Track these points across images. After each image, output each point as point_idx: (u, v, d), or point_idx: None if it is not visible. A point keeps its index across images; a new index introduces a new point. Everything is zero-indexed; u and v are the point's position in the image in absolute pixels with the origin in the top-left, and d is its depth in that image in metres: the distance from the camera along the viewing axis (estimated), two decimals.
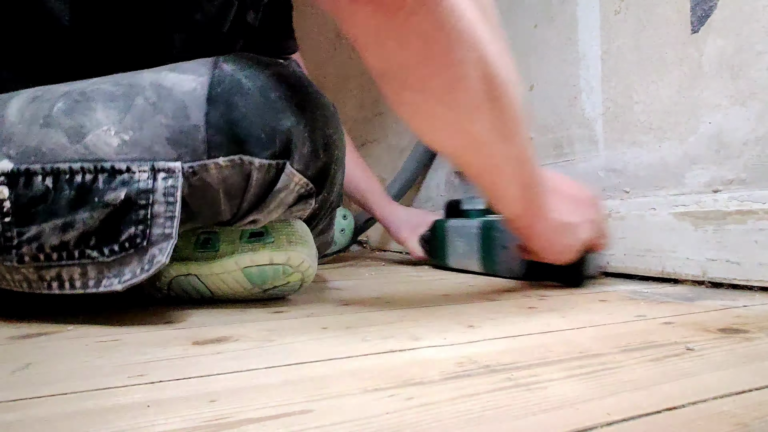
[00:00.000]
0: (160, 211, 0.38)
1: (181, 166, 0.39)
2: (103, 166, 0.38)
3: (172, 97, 0.40)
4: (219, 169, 0.40)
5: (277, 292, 0.48)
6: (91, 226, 0.38)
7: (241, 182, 0.41)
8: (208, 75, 0.40)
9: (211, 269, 0.45)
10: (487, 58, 0.36)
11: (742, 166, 0.53)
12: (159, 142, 0.39)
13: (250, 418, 0.20)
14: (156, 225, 0.38)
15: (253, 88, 0.40)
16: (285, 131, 0.41)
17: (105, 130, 0.38)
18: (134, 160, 0.38)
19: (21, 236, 0.38)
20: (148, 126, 0.39)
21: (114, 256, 0.38)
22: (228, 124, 0.39)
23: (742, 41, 0.52)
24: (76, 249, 0.38)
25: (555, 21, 0.77)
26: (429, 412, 0.20)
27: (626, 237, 0.63)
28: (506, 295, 0.51)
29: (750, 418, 0.19)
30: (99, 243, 0.38)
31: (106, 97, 0.40)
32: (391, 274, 0.74)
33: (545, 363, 0.27)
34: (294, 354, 0.29)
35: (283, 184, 0.42)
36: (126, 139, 0.38)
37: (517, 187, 0.44)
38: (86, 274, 0.38)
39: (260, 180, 0.41)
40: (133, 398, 0.22)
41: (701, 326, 0.35)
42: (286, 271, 0.46)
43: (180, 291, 0.46)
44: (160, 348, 0.31)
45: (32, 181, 0.37)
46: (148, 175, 0.38)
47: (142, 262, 0.38)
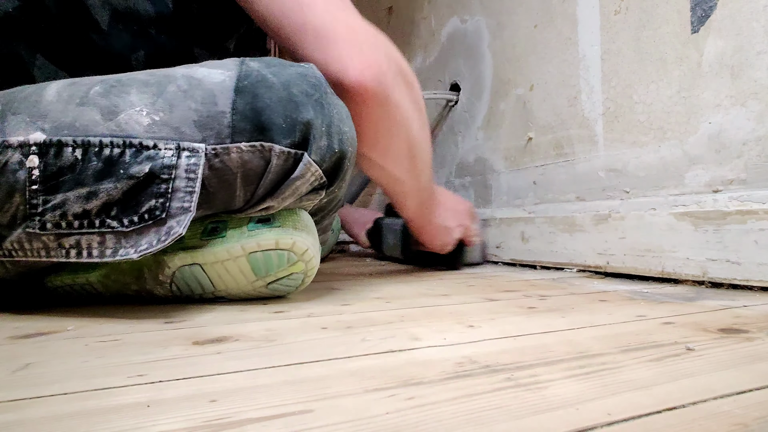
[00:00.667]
0: (181, 186, 0.40)
1: (204, 147, 0.41)
2: (131, 142, 0.40)
3: (202, 86, 0.42)
4: (240, 153, 0.42)
5: (279, 286, 0.48)
6: (113, 197, 0.39)
7: (260, 167, 0.43)
8: (236, 69, 0.44)
9: (216, 256, 0.45)
10: (411, 134, 0.57)
11: (742, 166, 0.53)
12: (187, 124, 0.41)
13: (250, 418, 0.20)
14: (176, 198, 0.40)
15: (277, 83, 0.43)
16: (305, 123, 0.43)
17: (137, 111, 0.41)
18: (162, 139, 0.41)
19: (46, 204, 0.39)
20: (178, 109, 0.41)
21: (133, 226, 0.40)
22: (252, 112, 0.42)
23: (742, 41, 0.52)
24: (97, 218, 0.40)
25: (555, 21, 0.77)
26: (429, 412, 0.20)
27: (626, 237, 0.63)
28: (506, 295, 0.51)
29: (750, 418, 0.19)
30: (120, 213, 0.40)
31: (140, 83, 0.42)
32: (391, 274, 0.74)
33: (545, 363, 0.27)
34: (294, 354, 0.29)
35: (300, 173, 0.44)
36: (156, 120, 0.41)
37: (415, 203, 0.67)
38: (104, 243, 0.40)
39: (279, 167, 0.43)
40: (133, 398, 0.22)
41: (701, 326, 0.35)
42: (291, 258, 0.46)
43: (183, 284, 0.46)
44: (160, 348, 0.31)
45: (62, 151, 0.39)
46: (173, 153, 0.40)
47: (159, 233, 0.40)
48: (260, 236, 0.45)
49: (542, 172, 0.81)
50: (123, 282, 0.46)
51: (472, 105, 0.99)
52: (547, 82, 0.79)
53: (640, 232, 0.61)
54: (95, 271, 0.46)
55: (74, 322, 0.40)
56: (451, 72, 1.06)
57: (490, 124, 0.94)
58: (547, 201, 0.80)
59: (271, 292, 0.48)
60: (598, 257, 0.67)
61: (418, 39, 1.19)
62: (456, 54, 1.04)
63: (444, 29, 1.08)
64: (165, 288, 0.46)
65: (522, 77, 0.85)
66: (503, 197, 0.91)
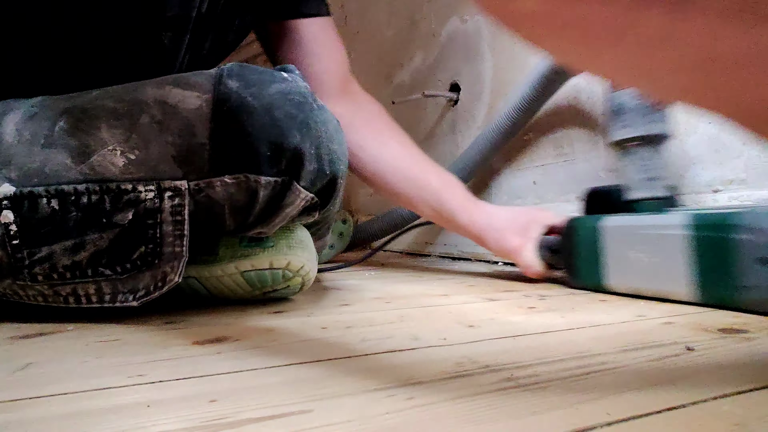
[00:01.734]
0: (169, 230, 0.39)
1: (187, 185, 0.39)
2: (108, 187, 0.38)
3: (178, 115, 0.39)
4: (225, 186, 0.40)
5: (276, 295, 0.48)
6: (101, 246, 0.38)
7: (248, 199, 0.41)
8: (212, 92, 0.40)
9: (211, 272, 0.45)
10: None
11: (742, 166, 0.53)
12: (165, 161, 0.39)
13: (250, 418, 0.20)
14: (166, 244, 0.38)
15: (258, 107, 0.39)
16: (291, 149, 0.40)
17: (110, 150, 0.38)
18: (140, 180, 0.38)
19: (32, 257, 0.38)
20: (154, 145, 0.39)
21: (127, 273, 0.38)
22: (233, 142, 0.39)
23: None
24: (88, 268, 0.38)
25: None
26: (429, 412, 0.20)
27: None
28: (506, 295, 0.51)
29: (750, 418, 0.19)
30: (111, 262, 0.38)
31: (109, 114, 0.39)
32: (391, 274, 0.74)
33: (545, 363, 0.27)
34: (294, 354, 0.29)
35: (290, 201, 0.42)
36: (132, 159, 0.38)
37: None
38: (101, 290, 0.39)
39: (266, 197, 0.41)
40: (133, 398, 0.22)
41: (701, 326, 0.35)
42: (286, 275, 0.46)
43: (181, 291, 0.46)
44: (160, 348, 0.31)
45: (37, 203, 0.37)
46: (155, 195, 0.38)
47: (155, 278, 0.39)
48: (254, 257, 0.44)
49: (542, 172, 0.81)
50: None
51: (472, 105, 0.99)
52: None
53: None
54: None
55: (74, 322, 0.40)
56: (451, 72, 1.06)
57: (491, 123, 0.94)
58: (547, 201, 0.80)
59: (269, 298, 0.48)
60: None
61: (417, 39, 1.19)
62: (456, 54, 1.04)
63: (444, 29, 1.08)
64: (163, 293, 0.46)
65: (522, 77, 0.85)
66: (503, 197, 0.91)
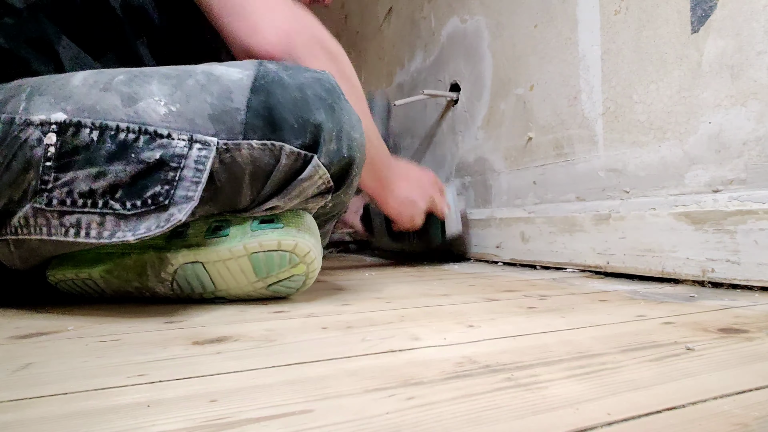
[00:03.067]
0: (188, 175, 0.41)
1: (216, 141, 0.42)
2: (146, 129, 0.41)
3: (220, 82, 0.44)
4: (251, 150, 0.43)
5: (280, 287, 0.48)
6: (121, 179, 0.40)
7: (269, 166, 0.44)
8: (254, 69, 0.45)
9: (219, 254, 0.45)
10: None
11: (742, 166, 0.53)
12: (201, 117, 0.42)
13: (250, 418, 0.20)
14: (181, 187, 0.41)
15: (292, 84, 0.45)
16: (316, 125, 0.44)
17: (156, 100, 0.42)
18: (176, 129, 0.42)
19: (56, 180, 0.40)
20: (194, 101, 0.43)
21: (134, 210, 0.41)
22: (266, 110, 0.43)
23: (742, 41, 0.52)
24: (101, 198, 0.40)
25: (555, 21, 0.77)
26: (429, 412, 0.20)
27: (626, 237, 0.63)
28: (506, 295, 0.51)
29: (750, 418, 0.19)
30: (124, 196, 0.41)
31: (162, 75, 0.44)
32: (391, 274, 0.74)
33: (545, 363, 0.27)
34: (294, 354, 0.29)
35: (308, 175, 0.45)
36: (173, 110, 0.42)
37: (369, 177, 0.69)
38: (103, 224, 0.41)
39: (287, 166, 0.44)
40: (133, 398, 0.22)
41: (701, 326, 0.35)
42: (293, 260, 0.46)
43: (184, 283, 0.46)
44: (160, 348, 0.31)
45: (80, 132, 0.41)
46: (186, 144, 0.41)
47: (159, 219, 0.41)
48: (263, 236, 0.45)
49: (542, 172, 0.81)
50: (125, 278, 0.46)
51: (472, 105, 0.99)
52: (547, 82, 0.79)
53: (640, 232, 0.61)
54: (98, 265, 0.46)
55: (74, 322, 0.40)
56: (451, 72, 1.06)
57: (490, 123, 0.94)
58: (547, 201, 0.80)
59: (272, 293, 0.48)
60: (598, 257, 0.67)
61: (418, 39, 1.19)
62: (456, 54, 1.04)
63: (444, 29, 1.08)
64: (166, 286, 0.46)
65: (522, 77, 0.85)
66: (503, 197, 0.91)
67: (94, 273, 0.46)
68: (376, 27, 1.39)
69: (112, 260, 0.46)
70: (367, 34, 1.44)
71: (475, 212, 0.96)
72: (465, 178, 1.02)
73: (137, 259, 0.46)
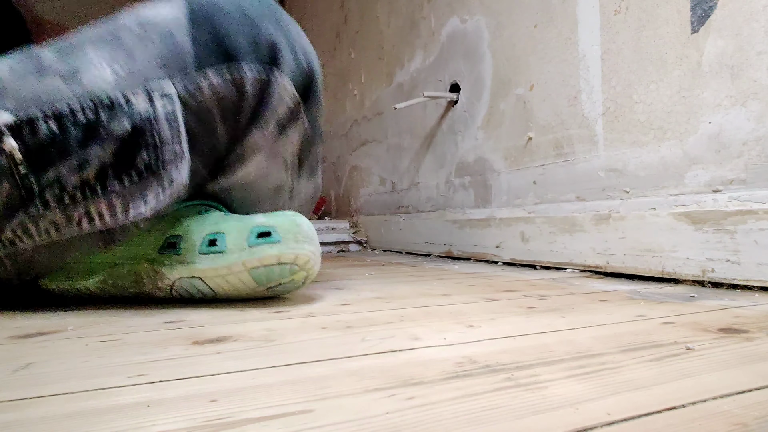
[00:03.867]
0: (166, 134, 0.40)
1: (175, 88, 0.41)
2: (101, 100, 0.39)
3: (157, 27, 0.42)
4: (212, 87, 0.41)
5: (280, 289, 0.48)
6: (106, 160, 0.39)
7: (235, 97, 0.42)
8: (184, 2, 0.43)
9: (217, 271, 0.44)
10: None
11: (742, 166, 0.53)
12: (150, 68, 0.41)
13: (250, 418, 0.20)
14: (166, 148, 0.40)
15: (231, 8, 0.43)
16: (268, 37, 0.43)
17: (99, 67, 0.40)
18: (131, 90, 0.40)
19: (41, 182, 0.39)
20: (139, 55, 0.41)
21: (134, 184, 0.40)
22: (213, 40, 0.42)
23: (742, 41, 0.52)
24: (97, 183, 0.39)
25: (555, 21, 0.77)
26: (429, 412, 0.20)
27: (626, 237, 0.63)
28: (506, 295, 0.51)
29: (750, 418, 0.19)
30: (118, 174, 0.39)
31: (93, 39, 0.41)
32: (391, 274, 0.74)
33: (545, 363, 0.27)
34: (294, 354, 0.29)
35: (275, 93, 0.43)
36: (120, 72, 0.40)
37: None
38: (113, 206, 0.40)
39: (254, 91, 0.43)
40: (133, 398, 0.22)
41: (701, 326, 0.35)
42: (293, 270, 0.46)
43: (183, 291, 0.46)
44: (160, 348, 0.31)
45: (37, 127, 0.38)
46: (145, 99, 0.40)
47: (162, 185, 0.40)
48: (261, 253, 0.44)
49: (542, 172, 0.81)
50: (121, 286, 0.46)
51: (472, 105, 0.99)
52: (547, 82, 0.79)
53: (640, 232, 0.61)
54: (93, 276, 0.46)
55: (74, 322, 0.40)
56: (451, 72, 1.06)
57: (490, 123, 0.94)
58: (547, 201, 0.80)
59: (272, 294, 0.48)
60: (598, 257, 0.67)
61: (418, 39, 1.19)
62: (456, 54, 1.04)
63: (444, 29, 1.08)
64: (165, 292, 0.46)
65: (522, 77, 0.85)
66: (503, 197, 0.91)
67: (89, 284, 0.46)
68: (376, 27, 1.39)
69: (104, 271, 0.46)
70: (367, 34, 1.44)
71: (475, 212, 0.96)
72: (465, 178, 1.02)
73: (131, 268, 0.45)
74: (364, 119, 1.48)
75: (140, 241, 0.46)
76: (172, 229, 0.46)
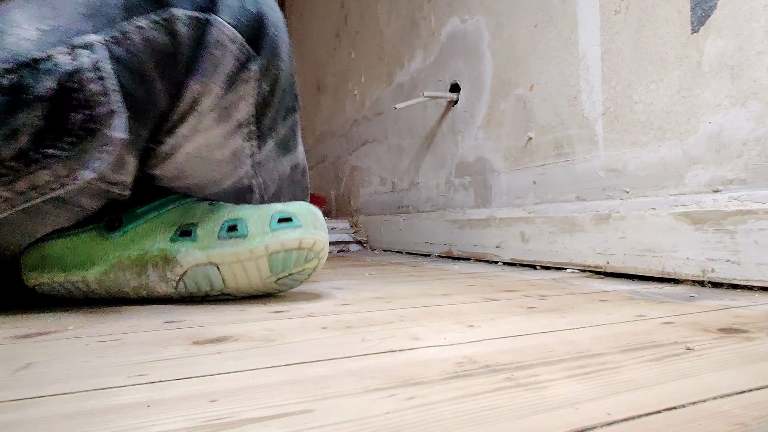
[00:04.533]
0: (95, 89, 0.37)
1: (101, 39, 0.37)
2: (23, 61, 0.36)
3: None
4: (141, 33, 0.38)
5: (289, 281, 0.48)
6: (38, 126, 0.37)
7: (169, 44, 0.39)
8: None
9: (237, 256, 0.44)
10: None
11: (742, 166, 0.53)
12: (75, 20, 0.38)
13: (250, 418, 0.20)
14: (97, 104, 0.37)
15: None
16: None
17: (23, 28, 0.37)
18: (54, 46, 0.37)
19: None
20: (63, 8, 0.38)
21: (74, 147, 0.37)
22: None
23: (742, 41, 0.52)
24: (35, 152, 0.37)
25: (555, 21, 0.77)
26: (429, 412, 0.20)
27: (626, 237, 0.63)
28: (506, 295, 0.51)
29: (750, 418, 0.19)
30: (54, 139, 0.37)
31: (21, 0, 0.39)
32: (391, 274, 0.74)
33: (545, 363, 0.27)
34: (294, 354, 0.29)
35: (215, 38, 0.40)
36: (44, 30, 0.37)
37: None
38: (57, 173, 0.38)
39: (188, 38, 0.39)
40: (133, 398, 0.22)
41: (701, 326, 0.35)
42: (308, 256, 0.47)
43: (191, 283, 0.46)
44: (160, 348, 0.31)
45: None
46: (70, 55, 0.37)
47: (103, 145, 0.37)
48: (284, 236, 0.44)
49: (542, 172, 0.81)
50: (123, 278, 0.46)
51: (472, 105, 0.99)
52: (547, 82, 0.79)
53: (640, 232, 0.61)
54: (93, 267, 0.45)
55: (74, 322, 0.40)
56: (451, 72, 1.06)
57: (490, 123, 0.94)
58: (547, 201, 0.80)
59: (280, 287, 0.49)
60: (598, 257, 0.67)
61: (418, 39, 1.19)
62: (456, 54, 1.04)
63: (444, 29, 1.08)
64: (170, 285, 0.46)
65: (522, 77, 0.85)
66: (503, 197, 0.91)
67: (88, 275, 0.45)
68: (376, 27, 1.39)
69: (107, 261, 0.45)
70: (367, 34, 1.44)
71: (475, 212, 0.96)
72: (465, 178, 1.02)
73: (138, 259, 0.45)
74: (364, 119, 1.48)
75: (150, 232, 0.46)
76: (184, 218, 0.46)
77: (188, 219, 0.46)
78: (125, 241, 0.46)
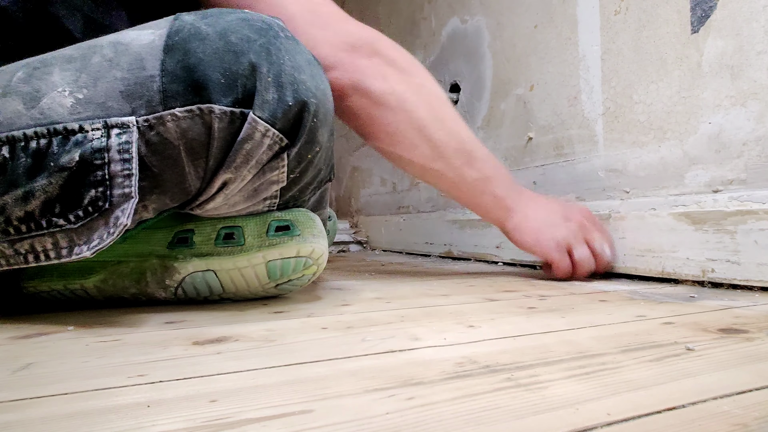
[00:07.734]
0: (117, 170, 0.37)
1: (135, 120, 0.37)
2: (56, 129, 0.37)
3: (129, 51, 0.39)
4: (176, 122, 0.38)
5: (288, 286, 0.48)
6: (51, 193, 0.37)
7: (203, 135, 0.39)
8: (167, 27, 0.39)
9: (235, 263, 0.44)
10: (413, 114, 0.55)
11: (742, 166, 0.53)
12: (113, 97, 0.38)
13: (250, 418, 0.20)
14: (115, 185, 0.37)
15: (212, 33, 0.39)
16: (246, 74, 0.39)
17: (60, 92, 0.37)
18: (87, 119, 0.37)
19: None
20: (103, 82, 0.38)
21: (80, 222, 0.37)
22: (184, 70, 0.38)
23: (742, 41, 0.52)
24: (42, 218, 0.37)
25: (555, 21, 0.77)
26: (429, 412, 0.20)
27: (626, 237, 0.63)
28: (506, 295, 0.51)
29: (750, 418, 0.19)
30: (64, 210, 0.37)
31: (64, 60, 0.39)
32: (391, 275, 0.74)
33: (545, 363, 0.27)
34: (294, 354, 0.29)
35: (247, 134, 0.39)
36: (80, 98, 0.37)
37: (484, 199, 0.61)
38: (58, 243, 0.38)
39: (223, 131, 0.39)
40: (133, 398, 0.22)
41: (701, 326, 0.35)
42: (307, 263, 0.46)
43: (190, 289, 0.46)
44: (160, 348, 0.31)
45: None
46: (102, 133, 0.37)
47: (108, 225, 0.37)
48: (282, 246, 0.44)
49: (542, 172, 0.81)
50: (121, 285, 0.46)
51: (472, 105, 0.99)
52: (547, 82, 0.79)
53: (640, 232, 0.61)
54: (91, 276, 0.45)
55: (74, 322, 0.40)
56: (451, 72, 1.06)
57: (490, 124, 0.94)
58: None
59: (279, 291, 0.49)
60: None
61: (418, 39, 1.19)
62: (456, 54, 1.04)
63: (444, 29, 1.08)
64: (169, 291, 0.46)
65: (522, 77, 0.85)
66: None
67: (87, 284, 0.45)
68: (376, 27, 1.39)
69: (106, 269, 0.45)
70: None
71: None
72: None
73: (136, 266, 0.45)
74: None
75: (147, 239, 0.46)
76: (181, 225, 0.46)
77: (185, 225, 0.46)
78: (123, 249, 0.46)
